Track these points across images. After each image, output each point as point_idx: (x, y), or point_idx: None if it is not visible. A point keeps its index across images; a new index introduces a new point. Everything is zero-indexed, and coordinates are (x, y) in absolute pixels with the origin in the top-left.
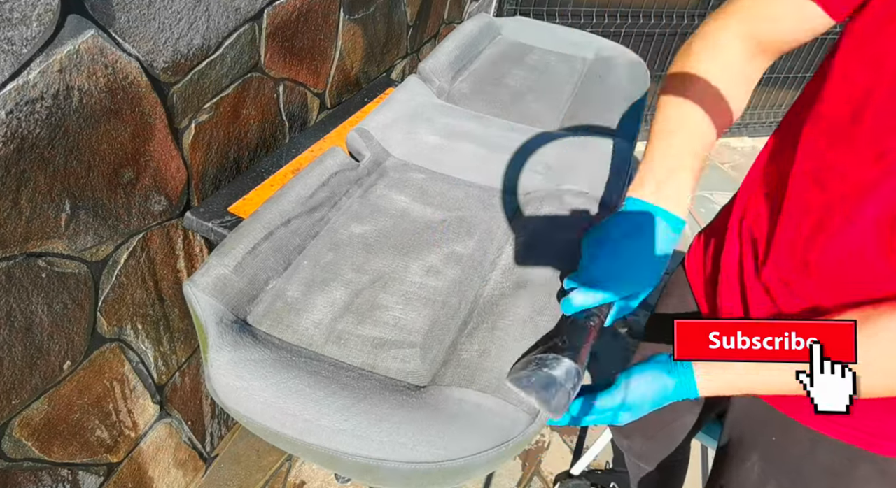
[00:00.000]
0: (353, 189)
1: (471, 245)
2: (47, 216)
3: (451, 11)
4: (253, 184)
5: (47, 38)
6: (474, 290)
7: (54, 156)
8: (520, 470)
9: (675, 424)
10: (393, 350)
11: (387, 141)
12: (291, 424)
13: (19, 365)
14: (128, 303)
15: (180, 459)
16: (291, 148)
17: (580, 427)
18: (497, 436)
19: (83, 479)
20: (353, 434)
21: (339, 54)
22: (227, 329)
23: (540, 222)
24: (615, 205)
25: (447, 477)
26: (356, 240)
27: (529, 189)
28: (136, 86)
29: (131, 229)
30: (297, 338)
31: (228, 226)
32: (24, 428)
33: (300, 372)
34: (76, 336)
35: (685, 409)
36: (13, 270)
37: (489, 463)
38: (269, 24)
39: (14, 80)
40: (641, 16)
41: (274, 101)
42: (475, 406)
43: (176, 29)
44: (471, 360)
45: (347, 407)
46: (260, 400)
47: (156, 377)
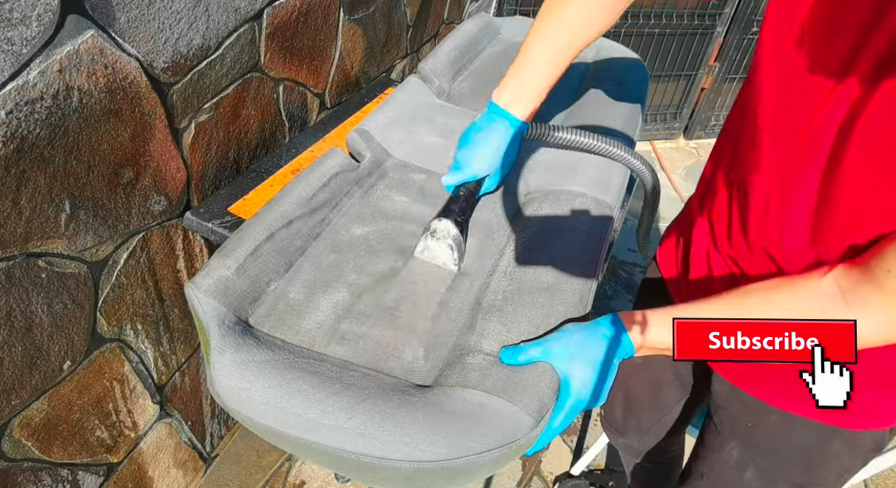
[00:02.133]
0: (354, 190)
1: (472, 246)
2: (47, 216)
3: (451, 11)
4: (253, 184)
5: (47, 38)
6: (476, 291)
7: (54, 156)
8: (520, 471)
9: (666, 418)
10: (396, 350)
11: (387, 141)
12: (294, 423)
13: (19, 365)
14: (128, 303)
15: (180, 459)
16: (291, 148)
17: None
18: (500, 437)
19: (83, 479)
20: (356, 433)
21: (339, 54)
22: (230, 331)
23: (540, 222)
24: (615, 206)
25: (449, 477)
26: (357, 241)
27: (529, 189)
28: (135, 86)
29: (131, 229)
30: (299, 339)
31: (228, 226)
32: (24, 428)
33: (303, 372)
34: (76, 336)
35: (674, 402)
36: (13, 270)
37: (492, 463)
38: (269, 24)
39: (14, 80)
40: (641, 16)
41: (274, 101)
42: (479, 406)
43: (176, 29)
44: (474, 361)
45: (351, 407)
46: (263, 401)
47: (156, 377)
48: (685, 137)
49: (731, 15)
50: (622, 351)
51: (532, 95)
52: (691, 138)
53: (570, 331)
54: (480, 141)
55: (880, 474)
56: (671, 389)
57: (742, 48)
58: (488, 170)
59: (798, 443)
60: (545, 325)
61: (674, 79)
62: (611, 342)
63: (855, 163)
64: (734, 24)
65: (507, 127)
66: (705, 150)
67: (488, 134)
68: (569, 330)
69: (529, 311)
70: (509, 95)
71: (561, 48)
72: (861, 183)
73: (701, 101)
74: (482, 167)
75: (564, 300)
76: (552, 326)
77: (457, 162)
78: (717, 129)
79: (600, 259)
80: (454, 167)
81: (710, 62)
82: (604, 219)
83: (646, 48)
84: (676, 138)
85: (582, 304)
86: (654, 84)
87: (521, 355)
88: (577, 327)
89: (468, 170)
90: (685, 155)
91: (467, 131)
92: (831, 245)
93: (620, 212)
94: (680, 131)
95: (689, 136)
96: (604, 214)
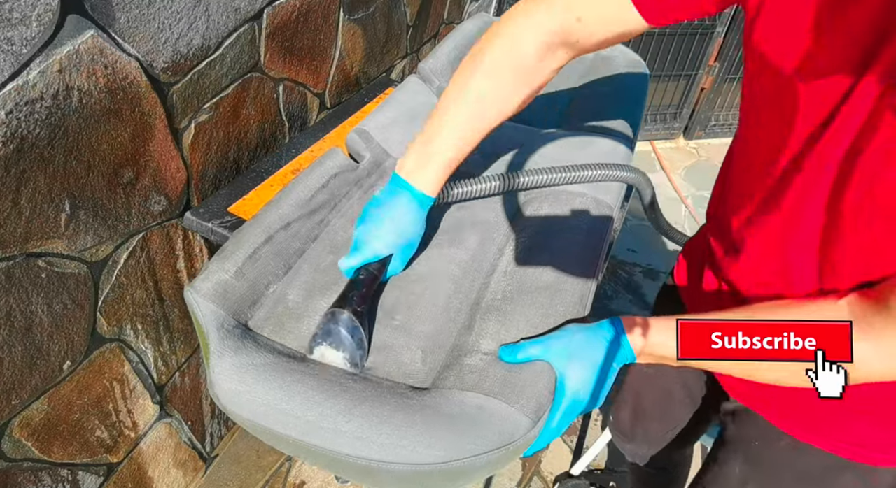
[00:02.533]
0: (353, 190)
1: (471, 246)
2: (47, 216)
3: (451, 11)
4: (253, 184)
5: (47, 38)
6: (475, 292)
7: (54, 156)
8: (520, 471)
9: (674, 431)
10: (394, 353)
11: (387, 141)
12: (294, 426)
13: (19, 365)
14: (128, 303)
15: (180, 459)
16: (291, 148)
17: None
18: (498, 439)
19: (83, 479)
20: (354, 436)
21: (339, 54)
22: (229, 334)
23: (540, 222)
24: (615, 206)
25: (448, 479)
26: None
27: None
28: (135, 86)
29: (131, 229)
30: (298, 342)
31: (228, 226)
32: (24, 428)
33: (302, 375)
34: (76, 336)
35: (683, 417)
36: (13, 270)
37: (490, 465)
38: (269, 24)
39: (14, 81)
40: None
41: (274, 101)
42: (476, 408)
43: (176, 29)
44: (472, 363)
45: (349, 410)
46: (262, 403)
47: (156, 377)
48: (685, 137)
49: (731, 15)
50: (622, 354)
51: (438, 166)
52: (691, 138)
53: (572, 331)
54: (381, 216)
55: None
56: (681, 405)
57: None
58: (390, 249)
59: (803, 470)
60: (544, 325)
61: (674, 79)
62: (611, 344)
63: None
64: (734, 24)
65: (410, 199)
66: (705, 150)
67: (389, 209)
68: (570, 330)
69: (528, 311)
70: (413, 163)
71: (467, 121)
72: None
73: (701, 101)
74: (383, 246)
75: (564, 299)
76: (551, 326)
77: (355, 241)
78: (717, 130)
79: (600, 259)
80: (353, 247)
81: (710, 62)
82: (604, 219)
83: (646, 48)
84: (676, 138)
85: (582, 304)
86: (654, 84)
87: (521, 353)
88: (578, 328)
89: (367, 251)
90: (685, 155)
91: (367, 205)
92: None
93: (620, 212)
94: (680, 131)
95: (689, 136)
96: (604, 214)
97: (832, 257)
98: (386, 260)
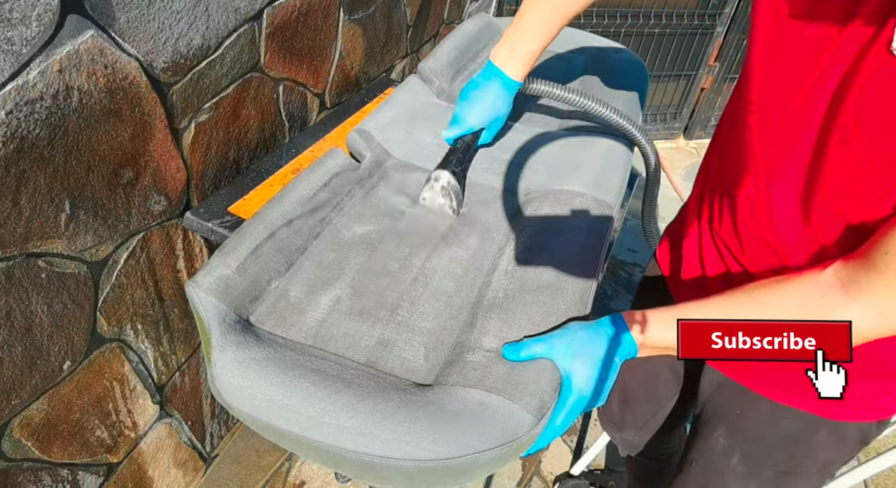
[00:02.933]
0: (355, 189)
1: (472, 245)
2: (47, 216)
3: (451, 11)
4: (253, 184)
5: (47, 38)
6: (476, 290)
7: (54, 156)
8: (520, 470)
9: (662, 412)
10: (397, 349)
11: (387, 141)
12: (296, 421)
13: (19, 365)
14: (128, 303)
15: (180, 459)
16: (291, 148)
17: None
18: (501, 436)
19: (83, 479)
20: (357, 431)
21: (339, 54)
22: (230, 329)
23: (540, 222)
24: (615, 206)
25: (450, 476)
26: (358, 240)
27: (529, 189)
28: (135, 86)
29: (131, 229)
30: (300, 337)
31: (228, 226)
32: (24, 428)
33: (304, 370)
34: (76, 336)
35: (669, 396)
36: (13, 270)
37: (492, 462)
38: (269, 24)
39: (14, 81)
40: (641, 16)
41: (274, 101)
42: (479, 405)
43: (176, 29)
44: (475, 360)
45: (352, 405)
46: (264, 398)
47: (156, 377)
48: (685, 137)
49: (731, 15)
50: (624, 349)
51: (525, 56)
52: (691, 138)
53: (574, 329)
54: (476, 97)
55: (880, 474)
56: (667, 384)
57: (742, 48)
58: (483, 123)
59: (784, 431)
60: (546, 323)
61: (674, 79)
62: (612, 340)
63: (845, 134)
64: (734, 24)
65: (501, 84)
66: (705, 150)
67: (483, 91)
68: (572, 327)
69: (530, 309)
70: (504, 55)
71: (551, 14)
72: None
73: (701, 101)
74: (477, 121)
75: (565, 298)
76: (553, 324)
77: (455, 116)
78: None
79: (600, 258)
80: (452, 121)
81: (710, 62)
82: (604, 219)
83: (646, 48)
84: (676, 138)
85: (582, 303)
86: (654, 84)
87: (524, 351)
88: (580, 325)
89: (465, 124)
90: (685, 155)
91: (465, 88)
92: (824, 222)
93: (620, 212)
94: (680, 131)
95: (689, 136)
96: (604, 214)
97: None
98: (479, 132)
